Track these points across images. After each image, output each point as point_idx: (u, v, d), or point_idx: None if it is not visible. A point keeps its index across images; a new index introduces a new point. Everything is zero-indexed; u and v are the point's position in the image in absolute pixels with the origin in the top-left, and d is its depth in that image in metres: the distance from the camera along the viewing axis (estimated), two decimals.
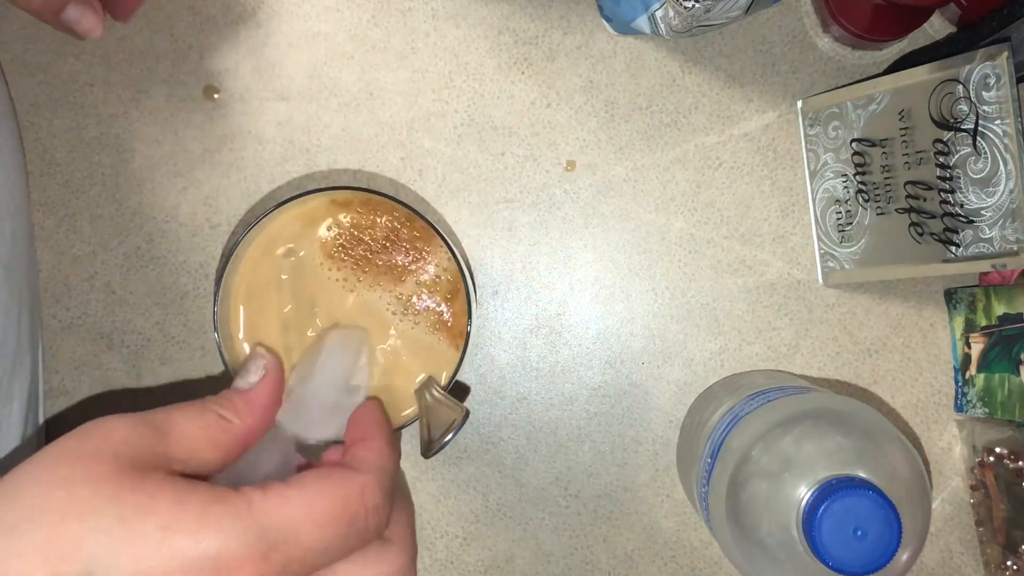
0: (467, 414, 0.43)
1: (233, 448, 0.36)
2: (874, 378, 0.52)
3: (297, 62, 0.51)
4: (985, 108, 0.43)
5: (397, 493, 0.37)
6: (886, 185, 0.48)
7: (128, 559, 0.28)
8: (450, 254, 0.45)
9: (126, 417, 0.32)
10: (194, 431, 0.34)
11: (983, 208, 0.44)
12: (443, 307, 0.46)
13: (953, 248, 0.45)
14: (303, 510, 0.31)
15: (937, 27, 0.51)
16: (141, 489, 0.30)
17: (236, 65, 0.52)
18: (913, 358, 0.52)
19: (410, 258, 0.46)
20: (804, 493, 0.38)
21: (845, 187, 0.50)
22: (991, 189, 0.43)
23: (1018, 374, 0.47)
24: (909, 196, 0.47)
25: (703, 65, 0.52)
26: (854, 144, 0.49)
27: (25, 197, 0.49)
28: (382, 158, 0.52)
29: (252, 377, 0.39)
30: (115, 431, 0.32)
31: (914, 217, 0.47)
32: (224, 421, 0.36)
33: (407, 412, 0.46)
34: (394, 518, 0.36)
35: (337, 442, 0.41)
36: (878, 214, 0.48)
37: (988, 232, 0.44)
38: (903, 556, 0.38)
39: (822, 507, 0.36)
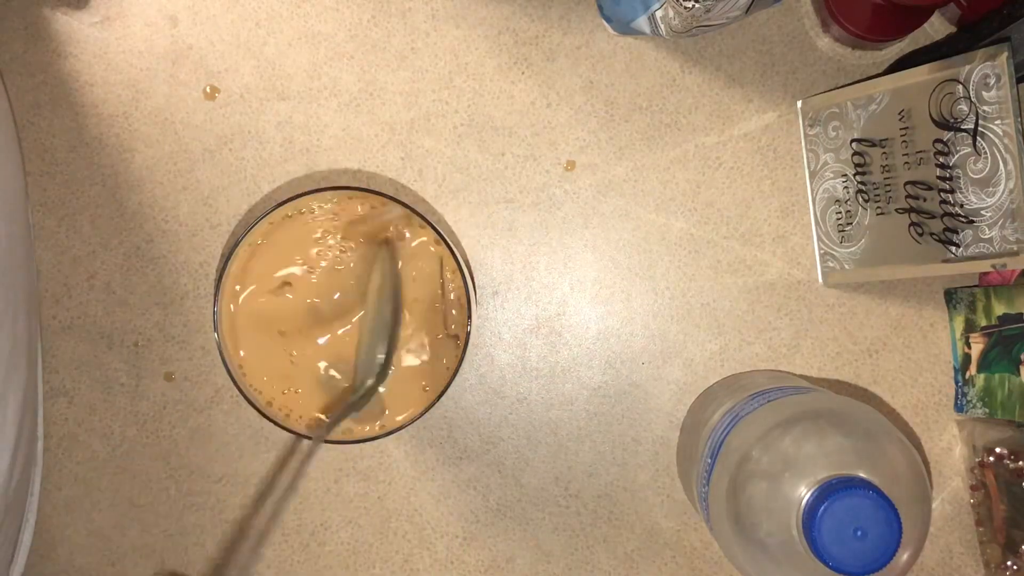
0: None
1: None
2: (874, 378, 0.52)
3: (297, 62, 0.51)
4: (985, 108, 0.43)
5: None
6: (886, 185, 0.48)
7: None
8: (450, 254, 0.45)
9: None
10: None
11: (983, 208, 0.44)
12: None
13: (953, 248, 0.45)
14: None
15: (937, 27, 0.51)
16: None
17: (236, 65, 0.52)
18: (913, 358, 0.52)
19: None
20: (804, 493, 0.38)
21: (845, 187, 0.50)
22: (991, 189, 0.43)
23: (1018, 374, 0.47)
24: (909, 196, 0.47)
25: (703, 65, 0.52)
26: (854, 144, 0.49)
27: (22, 198, 0.49)
28: (382, 158, 0.52)
29: None
30: None
31: (914, 217, 0.47)
32: None
33: (401, 417, 0.46)
34: None
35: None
36: (878, 214, 0.48)
37: (988, 232, 0.44)
38: (903, 556, 0.38)
39: (822, 507, 0.36)
